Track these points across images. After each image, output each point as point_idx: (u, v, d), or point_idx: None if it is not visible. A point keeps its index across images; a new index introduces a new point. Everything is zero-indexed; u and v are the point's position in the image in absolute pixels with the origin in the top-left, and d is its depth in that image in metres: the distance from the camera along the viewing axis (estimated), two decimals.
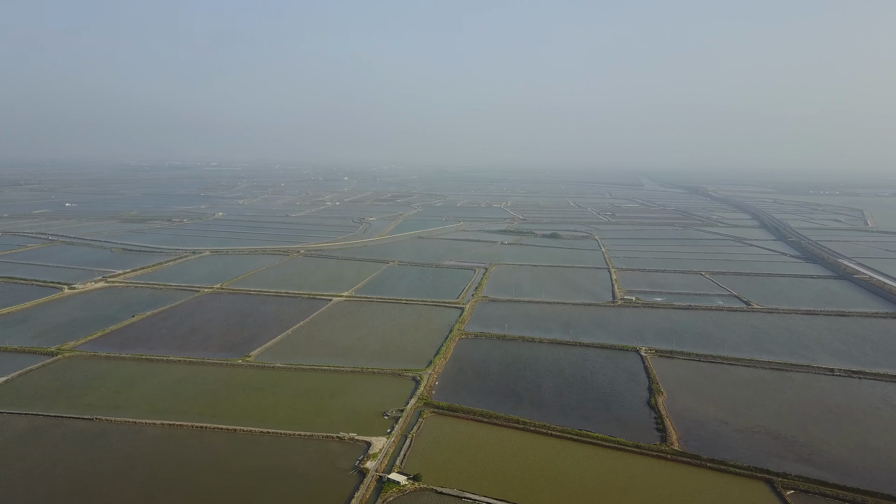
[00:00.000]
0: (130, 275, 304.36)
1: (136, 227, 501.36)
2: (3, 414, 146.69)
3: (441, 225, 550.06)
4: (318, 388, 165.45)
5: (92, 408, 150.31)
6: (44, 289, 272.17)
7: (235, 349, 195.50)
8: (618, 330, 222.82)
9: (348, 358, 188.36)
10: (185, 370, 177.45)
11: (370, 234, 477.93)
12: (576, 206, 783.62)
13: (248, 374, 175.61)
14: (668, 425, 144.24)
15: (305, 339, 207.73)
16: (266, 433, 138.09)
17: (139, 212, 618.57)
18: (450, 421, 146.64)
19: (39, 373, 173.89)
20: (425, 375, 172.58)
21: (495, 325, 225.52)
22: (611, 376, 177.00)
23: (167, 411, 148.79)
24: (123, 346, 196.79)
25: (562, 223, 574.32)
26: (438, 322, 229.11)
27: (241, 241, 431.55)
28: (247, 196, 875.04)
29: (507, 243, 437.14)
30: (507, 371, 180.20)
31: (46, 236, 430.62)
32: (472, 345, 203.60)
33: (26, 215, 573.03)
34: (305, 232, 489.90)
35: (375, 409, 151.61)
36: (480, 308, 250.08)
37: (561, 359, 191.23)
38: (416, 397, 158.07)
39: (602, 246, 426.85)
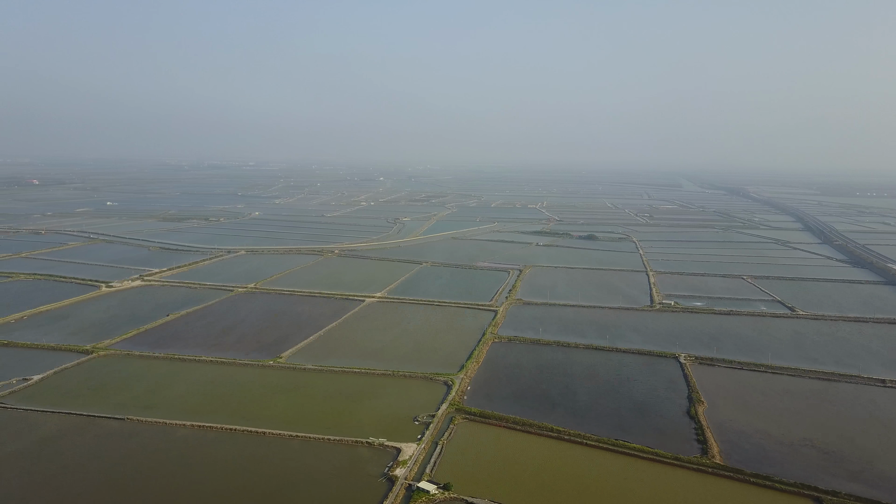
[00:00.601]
0: (167, 273, 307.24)
1: (173, 225, 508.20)
2: (38, 412, 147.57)
3: (475, 225, 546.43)
4: (349, 390, 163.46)
5: (124, 407, 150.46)
6: (82, 286, 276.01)
7: (267, 350, 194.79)
8: (656, 335, 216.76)
9: (380, 360, 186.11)
10: (217, 371, 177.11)
11: (404, 235, 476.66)
12: (612, 208, 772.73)
13: (280, 375, 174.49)
14: (709, 437, 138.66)
15: (337, 341, 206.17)
16: (295, 437, 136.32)
17: (177, 211, 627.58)
18: (482, 428, 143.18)
19: (74, 371, 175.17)
20: (457, 380, 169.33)
21: (529, 328, 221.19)
22: (648, 384, 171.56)
23: (198, 412, 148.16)
24: (157, 346, 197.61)
25: (598, 224, 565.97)
26: (471, 325, 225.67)
27: (277, 240, 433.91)
28: (283, 196, 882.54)
29: (542, 245, 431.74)
30: (540, 376, 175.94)
31: (88, 234, 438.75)
32: (505, 349, 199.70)
33: (69, 213, 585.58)
34: (340, 232, 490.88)
35: (406, 414, 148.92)
36: (514, 311, 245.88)
37: (597, 364, 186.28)
38: (447, 402, 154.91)
39: (640, 248, 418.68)
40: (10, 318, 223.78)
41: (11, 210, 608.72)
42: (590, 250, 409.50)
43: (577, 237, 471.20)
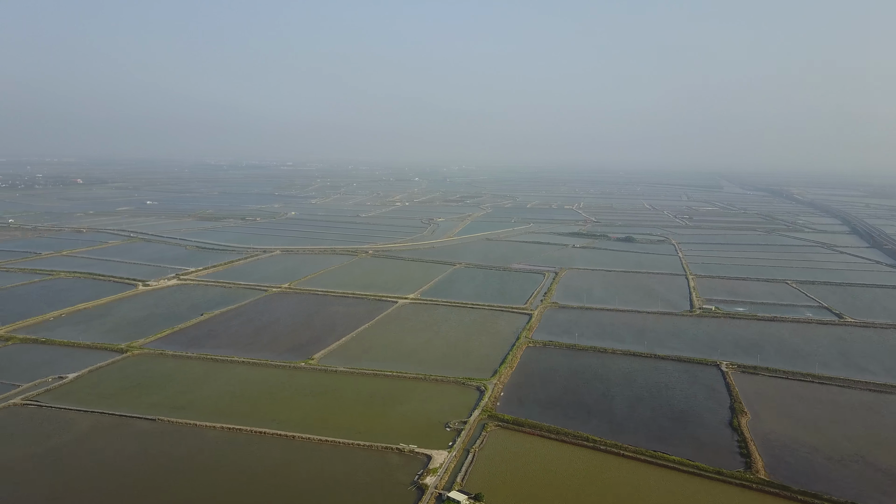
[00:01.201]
0: (202, 273, 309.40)
1: (211, 225, 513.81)
2: (72, 411, 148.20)
3: (510, 226, 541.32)
4: (380, 394, 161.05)
5: (156, 408, 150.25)
6: (120, 285, 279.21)
7: (299, 351, 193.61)
8: (696, 342, 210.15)
9: (411, 363, 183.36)
10: (249, 372, 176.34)
11: (438, 236, 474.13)
12: (650, 209, 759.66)
13: (311, 377, 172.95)
14: (753, 450, 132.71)
15: (369, 343, 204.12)
16: (325, 441, 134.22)
17: (215, 210, 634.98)
18: (515, 436, 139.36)
19: (108, 370, 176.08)
20: (490, 385, 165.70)
21: (565, 333, 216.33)
22: (688, 392, 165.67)
23: (228, 414, 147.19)
24: (190, 345, 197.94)
25: (636, 226, 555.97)
26: (505, 328, 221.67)
27: (312, 240, 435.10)
28: (319, 196, 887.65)
29: (578, 246, 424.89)
30: (576, 383, 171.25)
31: (127, 233, 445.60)
32: (539, 354, 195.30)
33: (110, 212, 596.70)
34: (374, 232, 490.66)
35: (437, 420, 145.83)
36: (549, 314, 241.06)
37: (634, 371, 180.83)
38: (479, 409, 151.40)
39: (679, 251, 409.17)
40: (49, 316, 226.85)
41: (56, 208, 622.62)
42: (627, 252, 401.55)
43: (615, 239, 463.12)
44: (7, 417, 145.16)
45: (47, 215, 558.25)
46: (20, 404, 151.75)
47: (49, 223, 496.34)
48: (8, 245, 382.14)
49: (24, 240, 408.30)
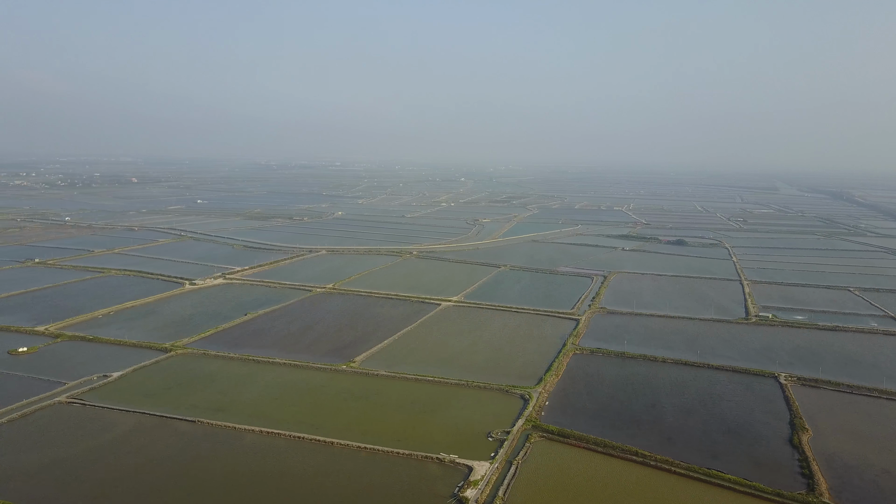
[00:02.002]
0: (248, 272, 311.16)
1: (259, 224, 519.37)
2: (115, 411, 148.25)
3: (557, 228, 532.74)
4: (421, 400, 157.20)
5: (196, 409, 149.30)
6: (168, 283, 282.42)
7: (341, 353, 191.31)
8: (752, 351, 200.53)
9: (453, 369, 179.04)
10: (290, 374, 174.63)
11: (483, 237, 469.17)
12: (703, 211, 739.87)
13: (351, 381, 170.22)
14: (816, 470, 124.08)
15: (411, 346, 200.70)
16: (363, 448, 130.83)
17: (263, 209, 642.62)
18: (560, 448, 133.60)
19: (152, 369, 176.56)
20: (535, 394, 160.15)
21: (613, 340, 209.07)
22: (745, 405, 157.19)
23: (267, 417, 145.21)
24: (233, 346, 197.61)
25: (688, 229, 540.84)
26: (551, 334, 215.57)
27: (357, 240, 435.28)
28: (366, 196, 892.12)
29: (628, 249, 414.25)
30: (625, 393, 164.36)
31: (177, 232, 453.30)
32: (586, 361, 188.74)
33: (162, 211, 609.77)
34: (419, 233, 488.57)
35: (479, 429, 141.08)
36: (597, 320, 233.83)
37: (686, 382, 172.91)
38: (523, 418, 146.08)
39: (733, 255, 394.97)
40: (98, 313, 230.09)
41: (110, 207, 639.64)
42: (679, 256, 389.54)
43: (666, 242, 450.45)
44: (51, 416, 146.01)
45: (102, 213, 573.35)
46: (65, 402, 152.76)
47: (103, 221, 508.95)
48: (63, 242, 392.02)
49: (78, 237, 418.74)
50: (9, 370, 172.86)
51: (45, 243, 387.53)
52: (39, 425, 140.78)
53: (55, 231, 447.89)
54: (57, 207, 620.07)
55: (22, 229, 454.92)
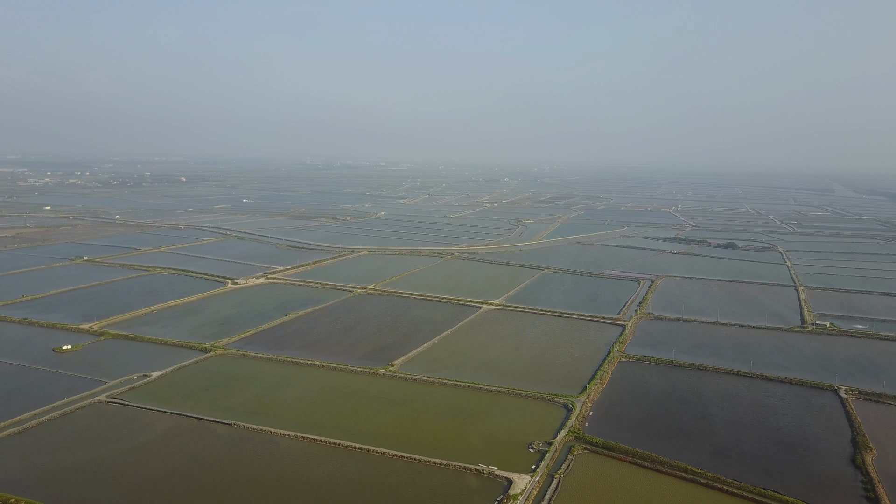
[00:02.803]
0: (290, 272, 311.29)
1: (302, 223, 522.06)
2: (153, 412, 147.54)
3: (603, 230, 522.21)
4: (460, 407, 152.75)
5: (233, 412, 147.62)
6: (210, 282, 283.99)
7: (379, 357, 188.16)
8: (808, 362, 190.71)
9: (494, 375, 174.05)
10: (328, 377, 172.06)
11: (526, 238, 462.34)
12: (754, 213, 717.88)
13: (389, 385, 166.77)
14: (882, 493, 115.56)
15: (451, 350, 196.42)
16: (400, 457, 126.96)
17: (307, 209, 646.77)
18: (604, 461, 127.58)
19: (191, 369, 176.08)
20: (578, 403, 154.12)
21: (661, 347, 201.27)
22: (801, 420, 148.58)
23: (304, 422, 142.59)
24: (272, 347, 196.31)
25: (739, 231, 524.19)
26: (596, 340, 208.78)
27: (399, 240, 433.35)
28: (409, 196, 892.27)
29: (676, 252, 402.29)
30: (673, 404, 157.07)
31: (222, 230, 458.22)
32: (633, 369, 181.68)
33: (208, 210, 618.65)
34: (461, 233, 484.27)
35: (520, 439, 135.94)
36: (644, 326, 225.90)
37: (739, 393, 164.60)
38: (566, 429, 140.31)
39: (787, 259, 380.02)
40: (141, 312, 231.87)
41: (159, 205, 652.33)
42: (729, 260, 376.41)
43: (715, 245, 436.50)
44: (91, 415, 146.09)
45: (150, 212, 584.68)
46: (105, 402, 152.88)
47: (151, 219, 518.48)
48: (112, 240, 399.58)
49: (127, 235, 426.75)
50: (52, 368, 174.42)
51: (94, 241, 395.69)
52: (79, 425, 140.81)
53: (105, 229, 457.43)
54: (108, 206, 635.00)
55: (74, 227, 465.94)
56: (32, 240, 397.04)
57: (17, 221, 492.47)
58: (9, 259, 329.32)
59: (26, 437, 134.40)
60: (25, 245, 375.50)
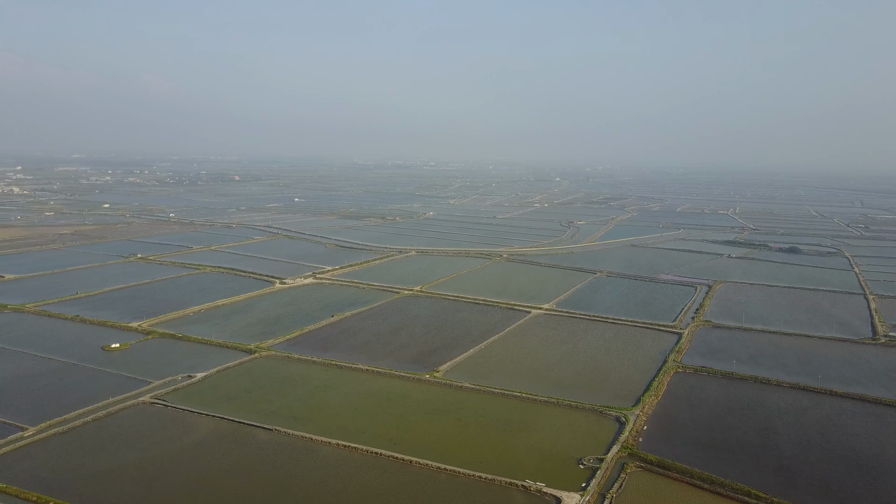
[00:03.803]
0: (338, 272, 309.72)
1: (351, 223, 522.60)
2: (195, 414, 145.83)
3: (657, 232, 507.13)
4: (506, 418, 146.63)
5: (275, 416, 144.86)
6: (259, 282, 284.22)
7: (424, 361, 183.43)
8: (882, 377, 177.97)
9: (542, 384, 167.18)
10: (371, 382, 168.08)
11: (578, 240, 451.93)
12: (818, 216, 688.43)
13: (434, 392, 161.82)
14: None
15: (498, 357, 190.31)
16: (443, 470, 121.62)
17: (357, 209, 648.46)
18: (659, 481, 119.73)
19: (235, 371, 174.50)
20: (632, 416, 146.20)
21: (720, 357, 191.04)
22: (876, 442, 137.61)
23: (345, 429, 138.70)
24: (317, 349, 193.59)
25: (801, 235, 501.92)
26: (650, 349, 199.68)
27: (447, 241, 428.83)
28: (458, 196, 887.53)
29: (735, 257, 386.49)
30: (734, 420, 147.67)
31: (273, 230, 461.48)
32: (690, 381, 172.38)
33: (260, 208, 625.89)
34: (510, 235, 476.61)
35: (569, 454, 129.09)
36: (702, 335, 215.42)
37: (806, 410, 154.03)
38: (619, 444, 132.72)
39: (855, 265, 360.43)
40: (189, 311, 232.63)
41: (212, 204, 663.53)
42: (792, 265, 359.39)
43: (777, 249, 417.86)
44: (134, 416, 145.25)
45: (204, 210, 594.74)
46: (148, 402, 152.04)
47: (204, 218, 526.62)
48: (166, 238, 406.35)
49: (180, 234, 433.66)
50: (100, 366, 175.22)
51: (149, 239, 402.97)
52: (122, 426, 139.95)
53: (159, 227, 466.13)
54: (164, 204, 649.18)
55: (129, 225, 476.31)
56: (90, 237, 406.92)
57: (77, 219, 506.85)
58: (67, 256, 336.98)
59: (70, 438, 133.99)
60: (83, 242, 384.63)
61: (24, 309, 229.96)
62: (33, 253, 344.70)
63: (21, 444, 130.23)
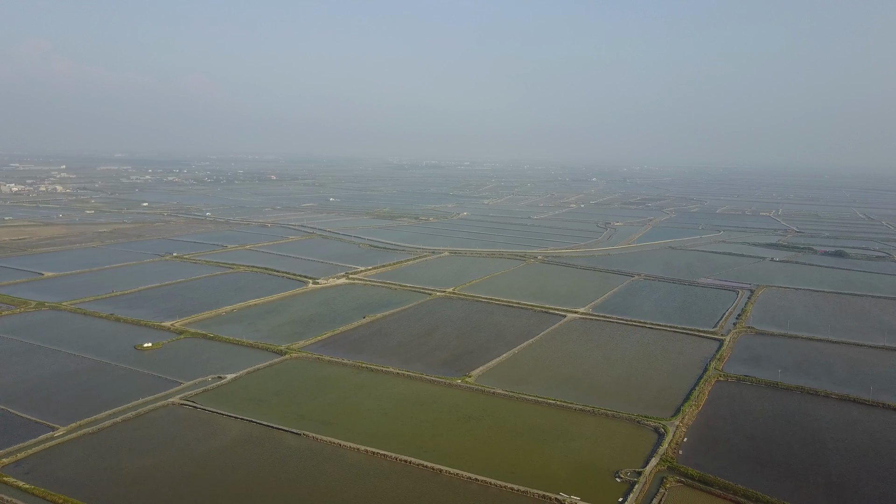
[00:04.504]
0: (371, 272, 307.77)
1: (385, 223, 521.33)
2: (224, 416, 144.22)
3: (697, 234, 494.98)
4: (540, 426, 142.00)
5: (304, 420, 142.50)
6: (292, 282, 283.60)
7: (456, 365, 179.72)
8: None
9: (578, 391, 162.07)
10: (402, 386, 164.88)
11: (614, 242, 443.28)
12: (865, 218, 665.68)
13: (466, 398, 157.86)
14: None
15: (532, 362, 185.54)
16: (474, 480, 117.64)
17: (391, 208, 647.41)
18: (702, 498, 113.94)
19: (265, 373, 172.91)
20: (671, 427, 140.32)
21: (764, 366, 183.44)
22: None
23: (374, 435, 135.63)
24: (348, 351, 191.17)
25: (848, 238, 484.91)
26: (690, 355, 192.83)
27: (481, 242, 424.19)
28: (492, 196, 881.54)
29: (778, 260, 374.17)
30: (779, 433, 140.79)
31: (308, 229, 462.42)
32: (732, 391, 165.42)
33: (295, 208, 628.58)
34: (545, 236, 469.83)
35: (605, 466, 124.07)
36: (745, 342, 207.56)
37: (856, 424, 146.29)
38: (657, 457, 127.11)
39: None
40: (221, 311, 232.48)
41: (248, 203, 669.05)
42: (838, 270, 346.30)
43: (822, 253, 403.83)
44: (164, 418, 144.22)
45: (240, 209, 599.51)
46: (178, 404, 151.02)
47: (240, 217, 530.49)
48: (201, 237, 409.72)
49: (215, 232, 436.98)
50: (132, 366, 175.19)
51: (185, 237, 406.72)
52: (151, 428, 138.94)
53: (196, 226, 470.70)
54: (201, 203, 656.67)
55: (167, 223, 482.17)
56: (128, 235, 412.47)
57: (116, 217, 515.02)
58: (104, 254, 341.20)
59: (99, 439, 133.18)
60: (121, 241, 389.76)
61: (60, 307, 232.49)
62: (72, 251, 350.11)
63: (51, 444, 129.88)
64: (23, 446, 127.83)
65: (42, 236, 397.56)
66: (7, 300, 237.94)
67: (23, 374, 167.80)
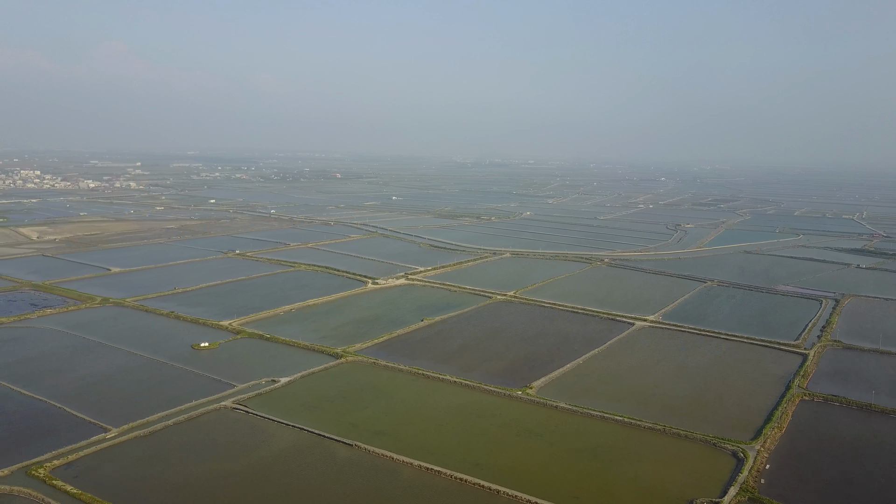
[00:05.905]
0: (430, 273, 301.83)
1: (446, 222, 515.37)
2: (275, 423, 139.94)
3: (774, 237, 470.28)
4: (605, 444, 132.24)
5: (356, 429, 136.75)
6: (351, 281, 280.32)
7: (517, 375, 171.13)
8: None
9: (647, 408, 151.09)
10: (459, 396, 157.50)
11: (685, 245, 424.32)
12: None
13: (526, 411, 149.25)
14: None
15: (598, 374, 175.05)
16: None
17: (453, 208, 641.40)
18: None
19: (320, 377, 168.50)
20: (751, 452, 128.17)
21: (854, 384, 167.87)
22: None
23: (429, 449, 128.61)
24: (405, 356, 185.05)
25: None
26: (770, 371, 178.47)
27: (544, 243, 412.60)
28: (557, 195, 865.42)
29: (864, 267, 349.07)
30: (875, 463, 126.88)
31: (370, 228, 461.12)
32: (819, 412, 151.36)
33: (358, 206, 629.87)
34: (612, 237, 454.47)
35: (677, 493, 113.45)
36: (831, 356, 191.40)
37: None
38: (737, 485, 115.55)
39: None
40: (279, 310, 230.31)
41: (313, 201, 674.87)
42: None
43: None
44: (215, 422, 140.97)
45: (304, 207, 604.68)
46: (230, 407, 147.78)
47: (303, 215, 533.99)
48: (264, 235, 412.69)
49: (279, 230, 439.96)
50: (188, 366, 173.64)
51: (248, 234, 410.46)
52: (201, 432, 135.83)
53: (259, 223, 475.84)
54: (266, 200, 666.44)
55: (232, 220, 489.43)
56: (194, 232, 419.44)
57: (184, 214, 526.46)
58: (170, 251, 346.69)
59: (150, 442, 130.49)
60: (187, 237, 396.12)
61: (124, 303, 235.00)
62: (140, 247, 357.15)
63: (102, 446, 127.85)
64: (75, 447, 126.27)
65: (113, 232, 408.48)
66: (74, 295, 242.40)
67: (81, 372, 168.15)
